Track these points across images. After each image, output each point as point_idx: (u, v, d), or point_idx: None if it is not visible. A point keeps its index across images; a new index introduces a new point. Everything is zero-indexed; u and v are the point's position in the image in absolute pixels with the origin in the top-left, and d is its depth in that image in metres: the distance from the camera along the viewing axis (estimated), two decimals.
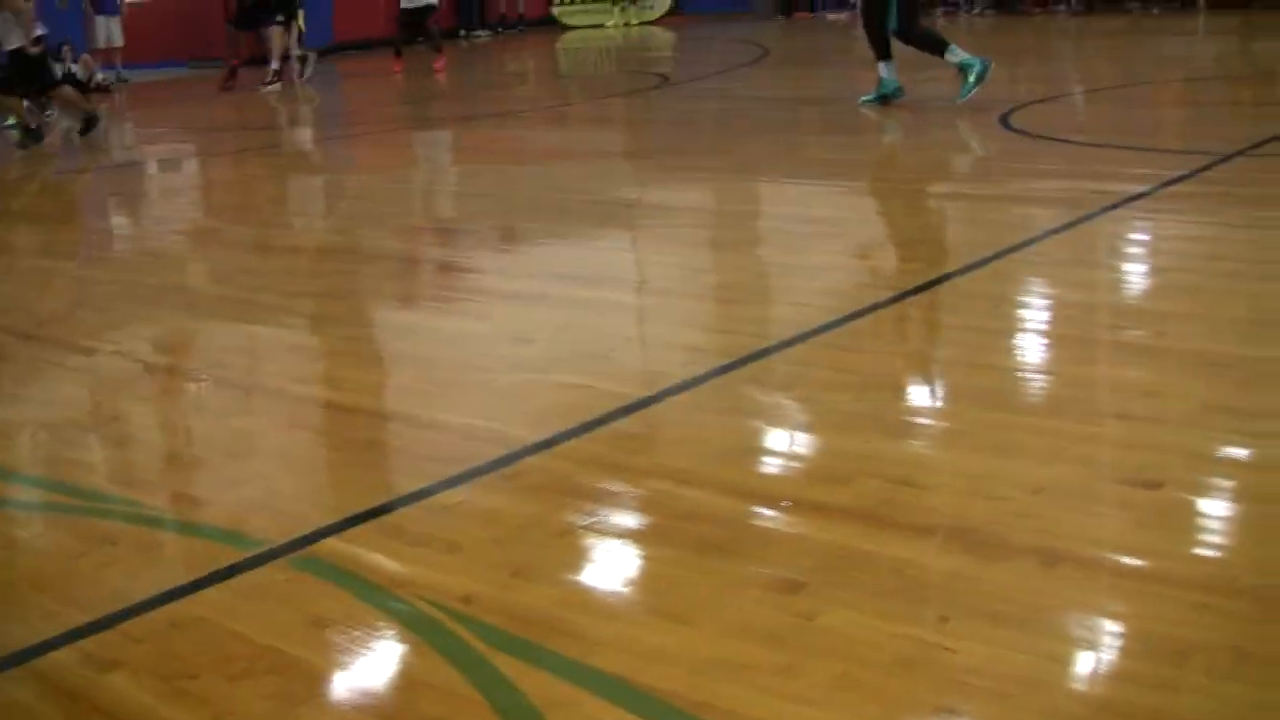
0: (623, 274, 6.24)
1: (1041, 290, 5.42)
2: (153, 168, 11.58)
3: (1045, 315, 5.11)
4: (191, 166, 11.54)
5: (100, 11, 18.83)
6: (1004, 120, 9.34)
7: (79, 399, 4.94)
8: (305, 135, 13.49)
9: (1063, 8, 19.57)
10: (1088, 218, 6.29)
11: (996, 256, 5.67)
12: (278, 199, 9.39)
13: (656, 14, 23.29)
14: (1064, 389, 4.15)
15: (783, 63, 15.91)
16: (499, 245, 7.17)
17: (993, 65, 10.10)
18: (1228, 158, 7.52)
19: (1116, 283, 5.47)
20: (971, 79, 9.86)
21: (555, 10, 23.84)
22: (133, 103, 17.52)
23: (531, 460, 3.71)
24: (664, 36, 21.45)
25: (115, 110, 16.39)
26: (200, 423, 4.56)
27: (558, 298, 5.68)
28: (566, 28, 23.57)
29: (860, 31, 10.75)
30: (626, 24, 23.13)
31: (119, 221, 9.20)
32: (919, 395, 4.30)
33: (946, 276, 5.47)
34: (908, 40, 10.16)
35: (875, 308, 5.05)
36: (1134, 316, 4.87)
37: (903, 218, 7.20)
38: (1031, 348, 4.70)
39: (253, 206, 9.11)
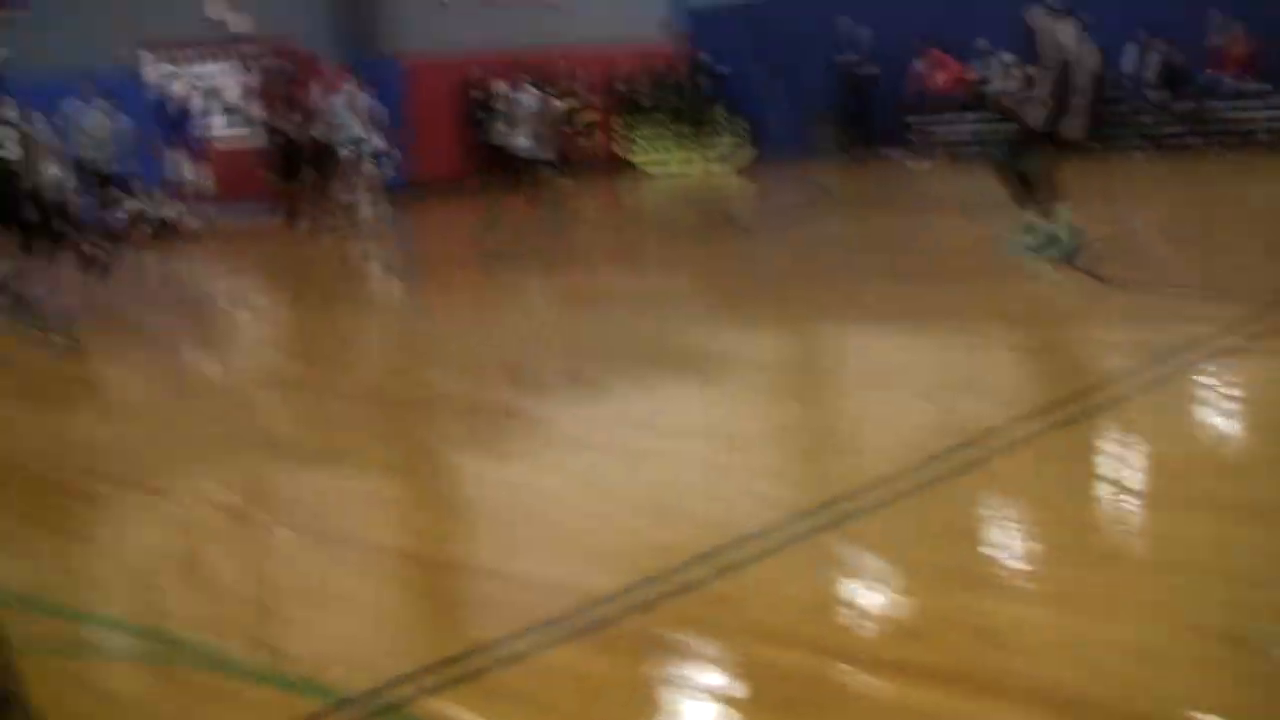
0: (699, 423, 6.24)
1: (1121, 440, 5.37)
2: (230, 311, 11.75)
3: (1126, 466, 5.05)
4: (268, 310, 11.70)
5: (173, 147, 19.25)
6: (1072, 261, 9.27)
7: (161, 544, 5.00)
8: (378, 280, 13.64)
9: (1136, 152, 19.55)
10: (1165, 365, 6.25)
11: (1075, 404, 5.63)
12: (353, 344, 9.48)
13: (735, 161, 23.48)
14: (1149, 544, 4.10)
15: (857, 207, 15.99)
16: (574, 393, 7.19)
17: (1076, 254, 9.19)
18: None
19: (1199, 433, 5.41)
20: (1050, 251, 9.16)
21: (635, 157, 24.07)
22: (215, 243, 17.85)
23: (609, 613, 3.70)
24: (743, 183, 21.62)
25: (198, 250, 16.70)
26: (281, 570, 4.59)
27: (634, 448, 5.70)
28: (646, 174, 23.79)
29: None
30: (707, 171, 23.32)
31: (199, 366, 9.32)
32: (1000, 549, 4.25)
33: (1023, 425, 5.44)
34: (1010, 173, 9.27)
35: (951, 457, 5.02)
36: (1219, 469, 4.81)
37: (977, 364, 7.16)
38: (1112, 500, 4.65)
39: (329, 352, 9.21)
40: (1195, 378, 6.16)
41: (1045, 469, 4.96)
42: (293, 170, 17.21)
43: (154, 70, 20.63)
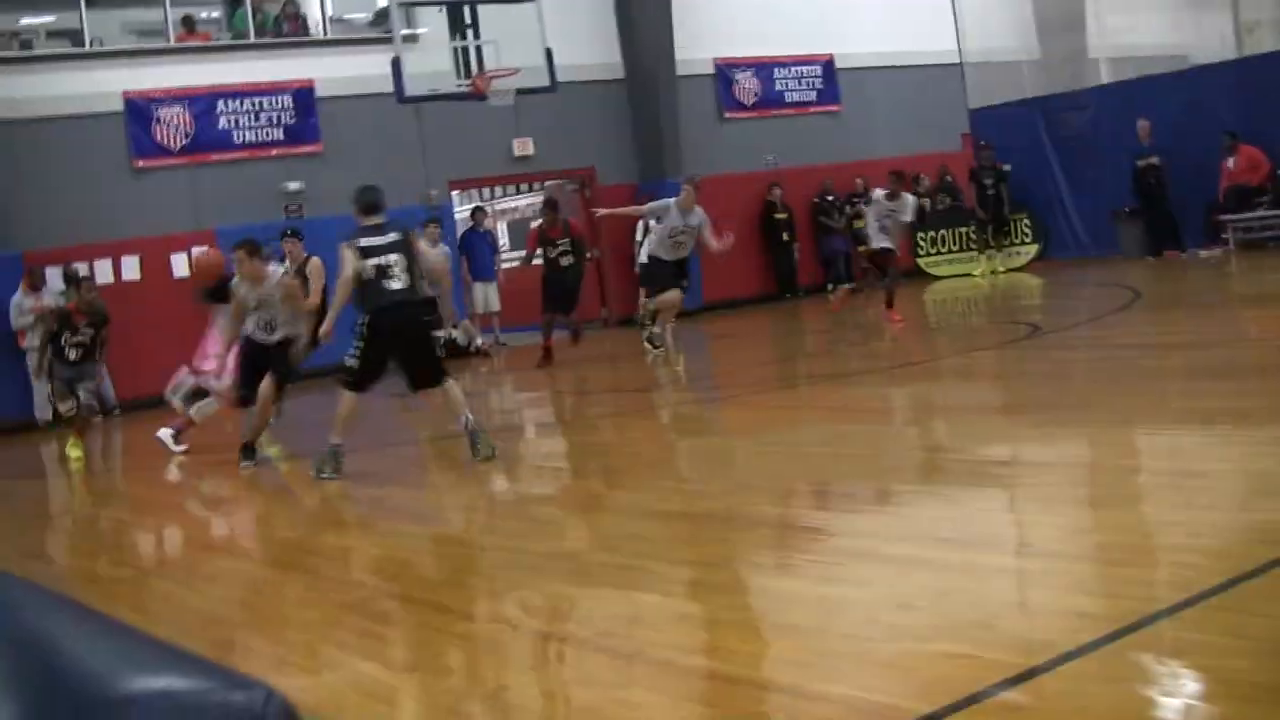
0: (1001, 536, 6.18)
1: None
2: (530, 431, 12.09)
3: None
4: (562, 429, 11.96)
5: (478, 278, 20.06)
6: None
7: (465, 666, 5.15)
8: (674, 397, 13.86)
9: None
10: None
11: None
12: (654, 462, 9.64)
13: (1024, 260, 23.22)
14: None
15: (1154, 306, 15.61)
16: (874, 507, 7.17)
17: None
18: None
19: None
20: None
21: (921, 260, 24.03)
22: (510, 364, 18.39)
23: None
24: (1032, 283, 21.36)
25: (494, 372, 17.24)
26: (586, 693, 4.68)
27: (936, 561, 5.65)
28: (934, 278, 23.71)
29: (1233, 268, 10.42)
30: (994, 272, 23.11)
31: (499, 487, 9.60)
32: None
33: None
34: None
35: (1269, 567, 4.83)
36: None
37: None
38: None
39: (630, 470, 9.39)
40: None
41: None
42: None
43: (461, 206, 21.66)
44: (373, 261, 9.42)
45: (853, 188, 23.50)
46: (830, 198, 24.21)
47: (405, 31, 19.23)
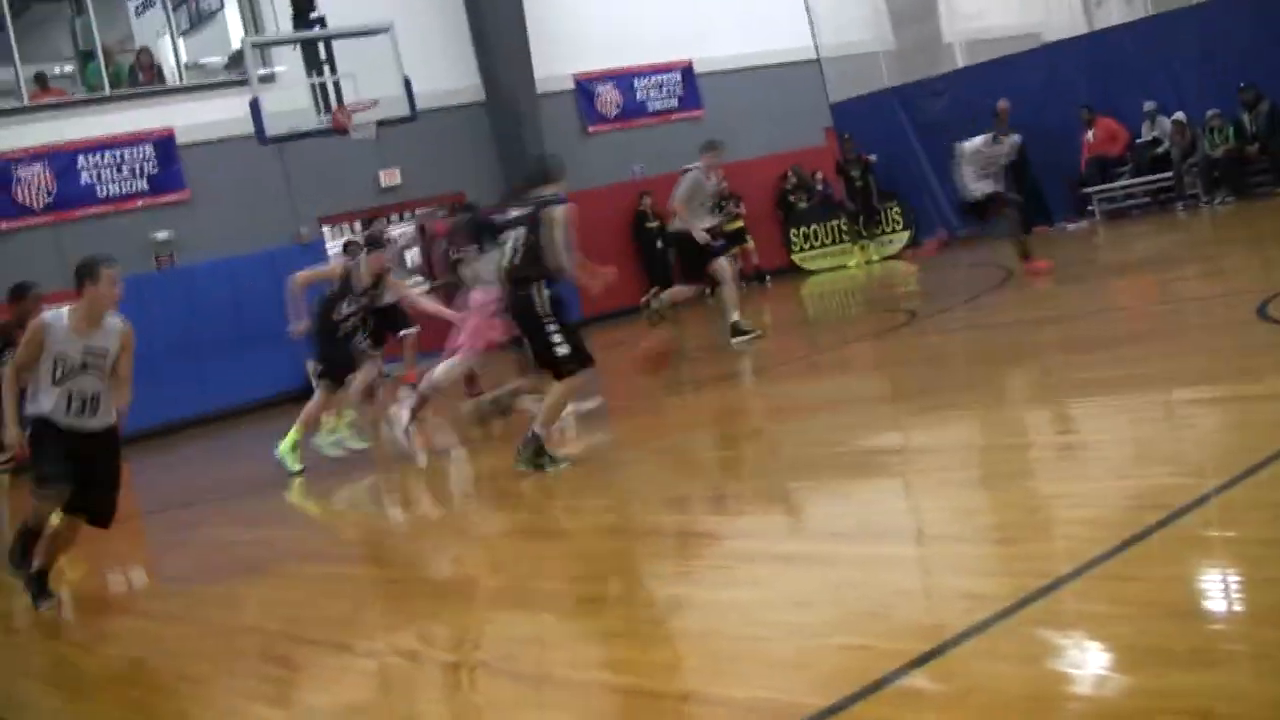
0: (893, 525, 6.25)
1: None
2: (422, 456, 12.04)
3: None
4: (452, 452, 11.88)
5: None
6: (1261, 311, 9.10)
7: (371, 702, 5.12)
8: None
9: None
10: None
11: (1273, 462, 5.50)
12: (541, 479, 9.63)
13: (896, 248, 23.46)
14: None
15: (1026, 283, 15.82)
16: (766, 507, 7.21)
17: None
18: None
19: None
20: None
21: (795, 256, 24.23)
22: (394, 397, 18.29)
23: None
24: (906, 270, 21.59)
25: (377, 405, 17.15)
26: (494, 718, 4.67)
27: (829, 556, 5.72)
28: (809, 273, 23.91)
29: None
30: (868, 262, 23.33)
31: (387, 517, 9.56)
32: (1208, 621, 4.17)
33: (1219, 489, 5.32)
34: None
35: (1149, 531, 4.92)
36: None
37: (1165, 430, 7.05)
38: None
39: (519, 488, 9.38)
40: None
41: (1249, 530, 4.85)
42: None
43: (333, 241, 21.49)
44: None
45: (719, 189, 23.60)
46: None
47: (262, 72, 19.08)
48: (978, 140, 15.81)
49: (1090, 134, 20.85)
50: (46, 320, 7.55)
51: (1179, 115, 19.97)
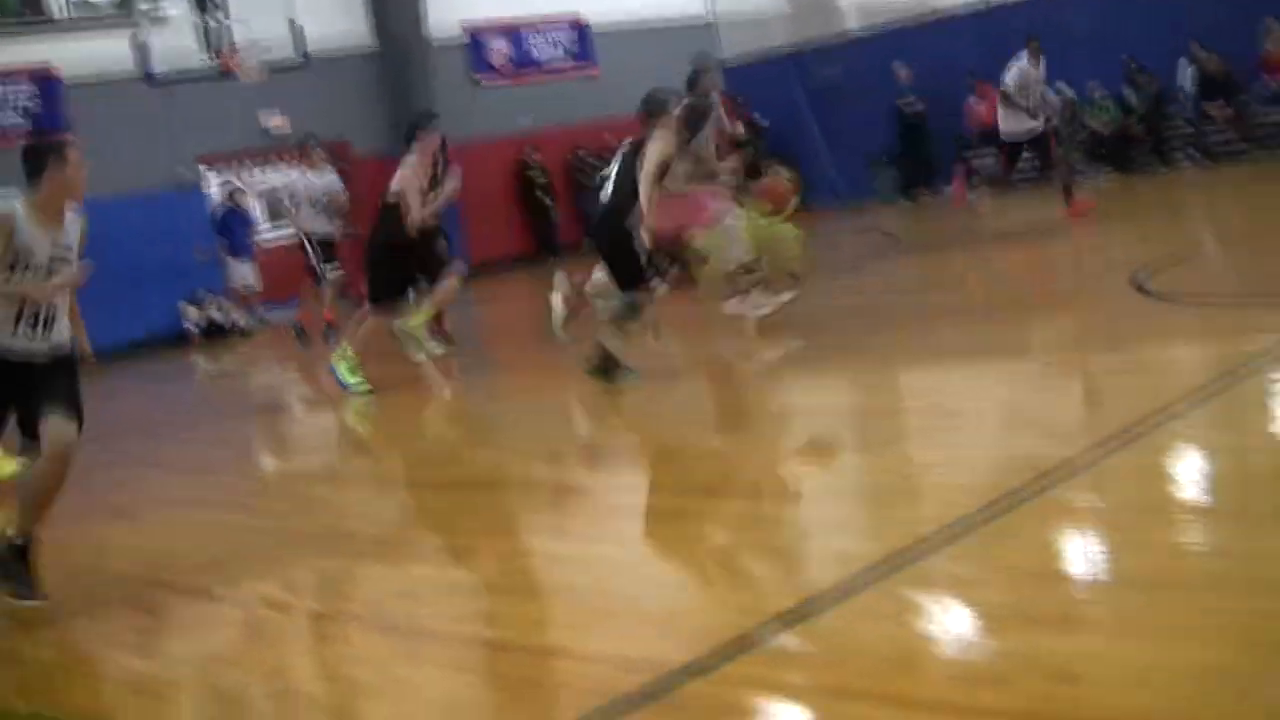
0: (767, 484, 6.26)
1: (1192, 460, 5.34)
2: (296, 408, 11.90)
3: (1198, 487, 5.02)
4: (329, 405, 11.77)
5: (235, 256, 19.67)
6: (1136, 283, 9.24)
7: (241, 654, 5.05)
8: (443, 364, 13.69)
9: (1186, 164, 19.45)
10: (1233, 379, 6.22)
11: (1142, 428, 5.59)
12: (422, 431, 9.57)
13: (785, 212, 23.43)
14: (1227, 564, 4.06)
15: (909, 250, 15.97)
16: (641, 463, 7.24)
17: None
18: None
19: (1272, 446, 5.37)
20: None
21: None
22: (272, 343, 18.08)
23: (688, 687, 3.71)
24: (790, 234, 21.57)
25: (254, 351, 16.95)
26: (364, 671, 4.63)
27: (703, 512, 5.72)
28: None
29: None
30: (756, 225, 23.28)
31: (265, 466, 9.45)
32: (1075, 584, 4.22)
33: (1093, 454, 5.39)
34: None
35: (1018, 496, 4.97)
36: None
37: (1041, 397, 7.13)
38: (1187, 523, 4.62)
39: (398, 441, 9.31)
40: (1268, 387, 6.13)
41: (1117, 496, 4.93)
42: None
43: (213, 182, 21.17)
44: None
45: (607, 145, 23.51)
46: (585, 156, 24.14)
47: (148, 9, 18.70)
48: (1020, 67, 14.63)
49: (975, 101, 20.99)
50: (15, 210, 6.01)
51: (1064, 89, 20.15)
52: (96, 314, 9.09)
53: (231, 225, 19.95)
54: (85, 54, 19.48)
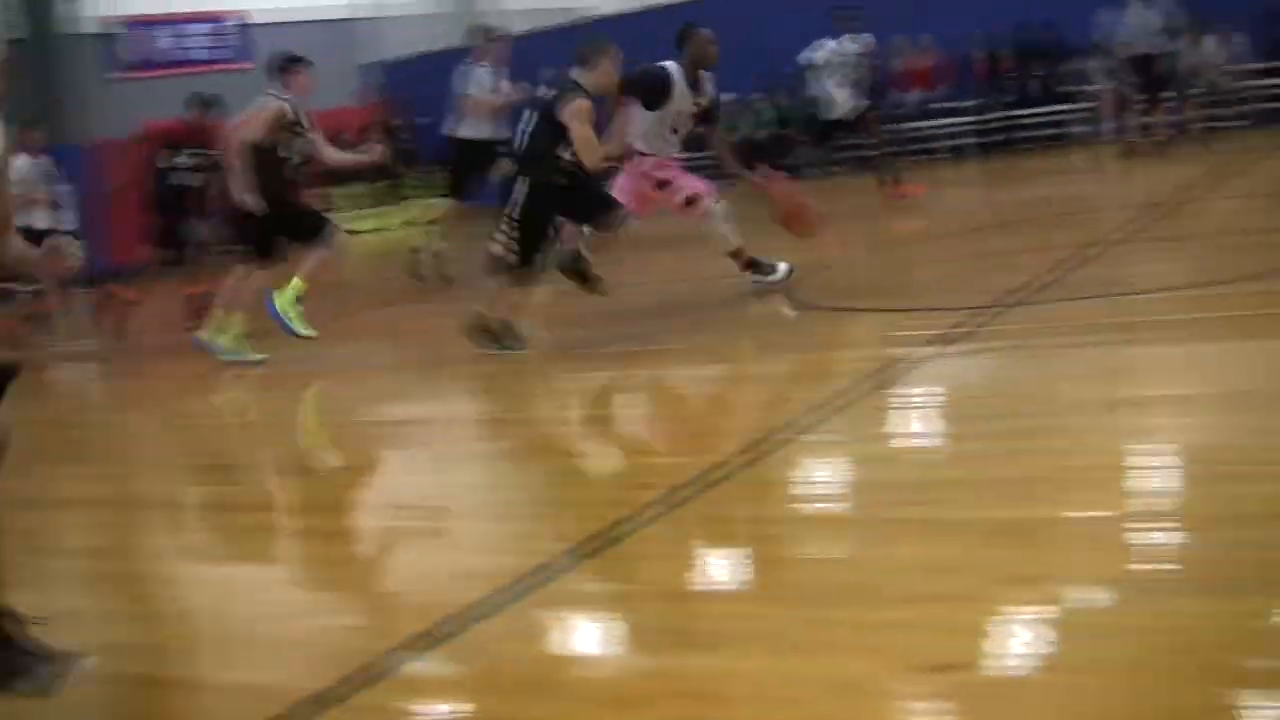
0: (405, 499, 6.09)
1: (811, 472, 5.42)
2: None
3: (828, 498, 5.12)
4: None
5: None
6: (787, 292, 9.40)
7: None
8: (70, 373, 13.09)
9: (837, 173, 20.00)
10: (858, 388, 6.36)
11: (767, 442, 5.66)
12: (48, 445, 9.07)
13: (436, 213, 23.26)
14: (849, 574, 4.10)
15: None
16: (285, 480, 7.00)
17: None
18: (987, 308, 7.62)
19: (889, 456, 5.49)
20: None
21: (339, 216, 23.79)
22: None
23: (322, 718, 3.54)
24: (446, 236, 21.37)
25: None
26: None
27: (336, 532, 5.61)
28: (350, 234, 23.43)
29: None
30: (410, 224, 23.07)
31: None
32: (706, 600, 4.19)
33: (714, 470, 5.35)
34: None
35: (654, 510, 4.93)
36: (910, 489, 4.88)
37: (674, 408, 7.19)
38: (808, 534, 4.68)
39: (20, 456, 8.79)
40: (880, 399, 6.28)
41: (738, 512, 4.98)
42: None
43: None
44: None
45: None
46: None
47: None
48: (834, 44, 14.09)
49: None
50: None
51: (725, 95, 20.45)
52: None
53: None
54: None
